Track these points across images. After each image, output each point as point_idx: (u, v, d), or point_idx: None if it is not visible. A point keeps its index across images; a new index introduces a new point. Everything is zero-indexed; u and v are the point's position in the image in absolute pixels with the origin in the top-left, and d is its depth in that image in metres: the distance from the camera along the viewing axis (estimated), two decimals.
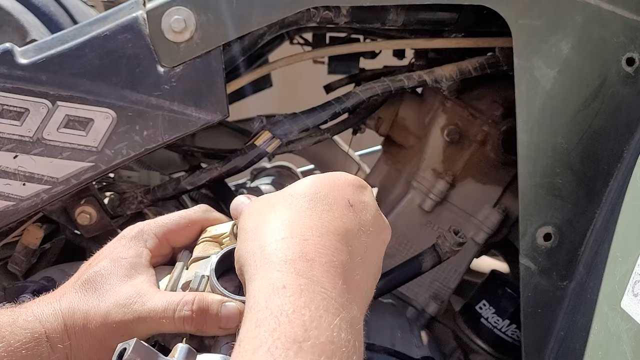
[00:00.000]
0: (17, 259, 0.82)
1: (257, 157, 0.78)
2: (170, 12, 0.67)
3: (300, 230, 0.45)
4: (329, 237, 0.45)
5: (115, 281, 0.53)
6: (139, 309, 0.51)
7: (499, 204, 0.91)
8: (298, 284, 0.41)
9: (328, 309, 0.41)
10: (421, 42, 0.83)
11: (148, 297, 0.51)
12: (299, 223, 0.46)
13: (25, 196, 0.70)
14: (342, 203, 0.49)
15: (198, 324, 0.50)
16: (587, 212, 0.69)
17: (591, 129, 0.69)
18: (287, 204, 0.48)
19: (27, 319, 0.51)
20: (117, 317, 0.50)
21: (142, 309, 0.51)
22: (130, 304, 0.51)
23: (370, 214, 0.50)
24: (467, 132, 0.90)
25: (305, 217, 0.47)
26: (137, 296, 0.51)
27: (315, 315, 0.40)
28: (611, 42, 0.68)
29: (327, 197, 0.48)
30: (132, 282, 0.53)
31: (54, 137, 0.69)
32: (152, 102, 0.69)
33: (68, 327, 0.52)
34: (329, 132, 0.86)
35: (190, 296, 0.51)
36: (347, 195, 0.50)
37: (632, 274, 0.57)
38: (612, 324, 0.58)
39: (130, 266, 0.54)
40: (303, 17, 0.73)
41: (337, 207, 0.48)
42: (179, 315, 0.50)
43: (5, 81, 0.67)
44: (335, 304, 0.41)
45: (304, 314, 0.39)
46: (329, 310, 0.40)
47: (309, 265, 0.43)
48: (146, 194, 0.81)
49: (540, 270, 0.70)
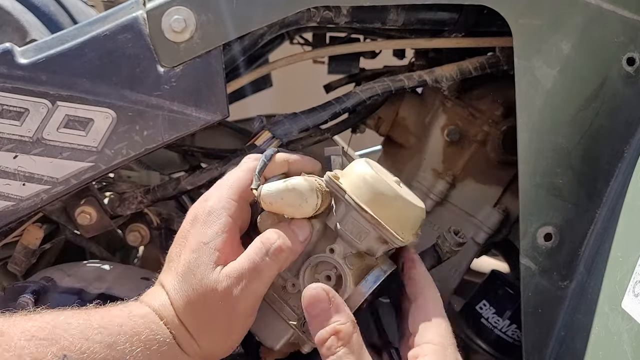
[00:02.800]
0: (17, 259, 0.82)
1: None
2: (170, 12, 0.67)
3: None
4: None
5: (205, 272, 0.57)
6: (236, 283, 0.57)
7: (499, 204, 0.90)
8: None
9: None
10: (421, 42, 0.83)
11: (237, 269, 0.57)
12: None
13: (25, 196, 0.70)
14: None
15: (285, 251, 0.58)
16: (588, 212, 0.69)
17: (592, 128, 0.69)
18: None
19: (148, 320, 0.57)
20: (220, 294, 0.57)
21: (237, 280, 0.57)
22: (227, 288, 0.56)
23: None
24: (468, 132, 0.90)
25: None
26: (226, 279, 0.57)
27: None
28: (612, 41, 0.68)
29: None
30: (219, 271, 0.57)
31: (54, 137, 0.69)
32: (152, 102, 0.69)
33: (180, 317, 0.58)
34: (329, 132, 0.86)
35: (267, 234, 0.58)
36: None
37: (633, 274, 0.57)
38: (612, 324, 0.58)
39: (214, 251, 0.58)
40: (303, 17, 0.73)
41: None
42: (271, 253, 0.57)
43: (5, 81, 0.67)
44: None
45: None
46: None
47: None
48: (146, 194, 0.80)
49: (540, 270, 0.70)
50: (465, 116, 0.90)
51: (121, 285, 0.77)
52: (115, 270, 0.81)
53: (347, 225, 0.59)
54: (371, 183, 0.59)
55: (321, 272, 0.60)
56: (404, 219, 0.60)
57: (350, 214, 0.59)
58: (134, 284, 0.78)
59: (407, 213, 0.60)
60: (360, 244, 0.59)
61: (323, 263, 0.60)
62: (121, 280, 0.79)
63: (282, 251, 0.58)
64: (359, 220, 0.58)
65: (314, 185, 0.58)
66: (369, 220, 0.58)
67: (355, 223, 0.59)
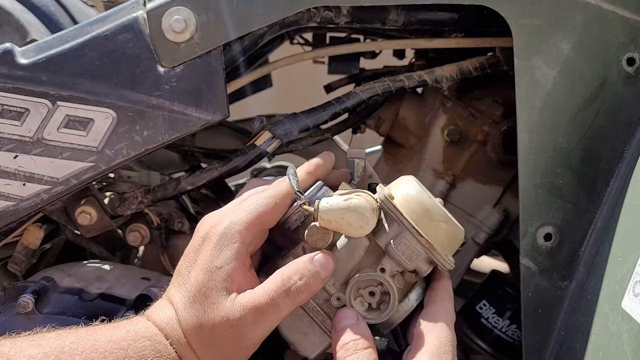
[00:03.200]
0: (17, 259, 0.82)
1: (257, 157, 0.78)
2: (170, 12, 0.67)
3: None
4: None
5: (217, 297, 0.57)
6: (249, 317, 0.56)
7: (499, 204, 0.90)
8: None
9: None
10: (421, 42, 0.83)
11: (251, 300, 0.56)
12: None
13: (25, 196, 0.70)
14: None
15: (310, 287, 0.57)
16: (588, 212, 0.69)
17: (592, 128, 0.69)
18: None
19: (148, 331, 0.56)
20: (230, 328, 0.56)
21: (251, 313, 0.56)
22: (240, 318, 0.56)
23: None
24: (468, 132, 0.90)
25: None
26: (241, 309, 0.56)
27: None
28: (612, 42, 0.68)
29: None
30: (232, 298, 0.57)
31: (54, 137, 0.69)
32: (152, 102, 0.69)
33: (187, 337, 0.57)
34: (329, 132, 0.86)
35: (287, 270, 0.57)
36: None
37: (633, 274, 0.57)
38: (612, 324, 0.58)
39: (227, 277, 0.57)
40: (303, 17, 0.73)
41: None
42: (291, 294, 0.57)
43: (6, 81, 0.67)
44: None
45: None
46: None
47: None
48: (146, 194, 0.80)
49: (540, 270, 0.70)
50: (465, 116, 0.90)
51: (121, 285, 0.77)
52: (115, 270, 0.81)
53: (399, 246, 0.59)
54: (425, 205, 0.59)
55: (365, 287, 0.60)
56: (451, 241, 0.61)
57: (403, 234, 0.59)
58: (134, 284, 0.78)
59: (454, 236, 0.61)
60: (410, 264, 0.59)
61: (364, 282, 0.60)
62: (121, 280, 0.79)
63: (302, 292, 0.57)
64: (412, 242, 0.58)
65: (374, 205, 0.58)
66: (424, 244, 0.58)
67: (408, 245, 0.59)
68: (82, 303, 0.73)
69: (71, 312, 0.71)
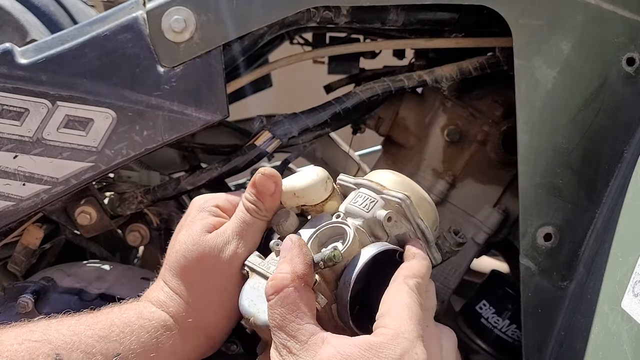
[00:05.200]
0: (17, 259, 0.82)
1: (257, 157, 0.78)
2: (170, 12, 0.67)
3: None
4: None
5: (196, 239, 0.62)
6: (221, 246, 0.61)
7: (499, 204, 0.90)
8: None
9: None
10: (421, 42, 0.83)
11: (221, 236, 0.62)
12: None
13: (25, 196, 0.70)
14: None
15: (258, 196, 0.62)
16: (588, 212, 0.69)
17: (591, 129, 0.69)
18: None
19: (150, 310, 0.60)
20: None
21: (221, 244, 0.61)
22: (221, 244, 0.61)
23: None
24: (467, 132, 0.90)
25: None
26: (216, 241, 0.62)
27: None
28: (611, 42, 0.68)
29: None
30: (214, 233, 0.62)
31: (54, 137, 0.69)
32: (152, 102, 0.69)
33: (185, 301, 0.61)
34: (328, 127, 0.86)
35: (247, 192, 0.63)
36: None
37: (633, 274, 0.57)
38: (612, 324, 0.58)
39: (207, 224, 0.63)
40: (303, 17, 0.73)
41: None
42: (251, 211, 0.62)
43: (5, 81, 0.67)
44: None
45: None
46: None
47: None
48: (146, 194, 0.80)
49: (540, 270, 0.70)
50: (465, 116, 0.90)
51: (121, 285, 0.77)
52: (115, 270, 0.81)
53: (356, 199, 0.61)
54: (379, 173, 0.63)
55: (327, 241, 0.59)
56: (404, 185, 0.62)
57: (359, 191, 0.61)
58: (134, 284, 0.78)
59: (405, 182, 0.63)
60: (368, 212, 0.59)
61: (325, 233, 0.59)
62: (121, 280, 0.79)
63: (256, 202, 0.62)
64: (367, 192, 0.61)
65: (324, 173, 0.63)
66: (375, 188, 0.60)
67: (363, 195, 0.61)
68: (82, 303, 0.73)
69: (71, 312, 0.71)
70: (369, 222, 0.59)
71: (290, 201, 0.64)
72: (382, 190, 0.60)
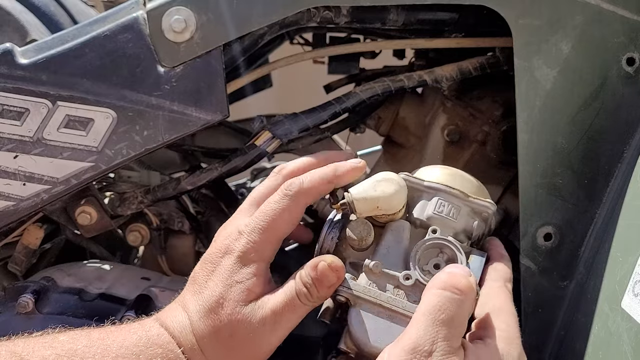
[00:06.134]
0: (17, 259, 0.82)
1: (257, 157, 0.78)
2: (170, 12, 0.67)
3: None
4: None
5: (235, 307, 0.57)
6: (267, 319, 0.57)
7: (499, 204, 0.90)
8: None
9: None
10: (421, 42, 0.83)
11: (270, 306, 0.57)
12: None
13: (26, 196, 0.70)
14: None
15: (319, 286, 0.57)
16: (588, 212, 0.69)
17: (591, 129, 0.69)
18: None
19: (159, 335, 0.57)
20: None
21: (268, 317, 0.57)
22: (261, 320, 0.57)
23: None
24: (467, 132, 0.90)
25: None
26: (261, 322, 0.57)
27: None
28: (611, 42, 0.68)
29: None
30: (252, 305, 0.57)
31: (54, 137, 0.69)
32: (153, 102, 0.69)
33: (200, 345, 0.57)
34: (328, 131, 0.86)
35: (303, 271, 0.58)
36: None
37: (633, 273, 0.57)
38: (612, 323, 0.58)
39: (246, 289, 0.58)
40: (303, 17, 0.73)
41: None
42: (301, 295, 0.57)
43: (6, 81, 0.67)
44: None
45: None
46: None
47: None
48: (146, 194, 0.80)
49: (540, 270, 0.70)
50: (465, 116, 0.90)
51: (121, 285, 0.77)
52: (115, 270, 0.81)
53: (438, 208, 0.60)
54: (437, 169, 0.64)
55: (428, 262, 0.58)
56: (476, 187, 0.63)
57: (437, 197, 0.61)
58: (134, 284, 0.78)
59: (475, 183, 0.64)
60: (456, 222, 0.60)
61: (425, 253, 0.59)
62: (121, 280, 0.79)
63: (317, 291, 0.57)
64: (449, 198, 0.60)
65: (398, 176, 0.61)
66: (458, 195, 0.60)
67: (445, 202, 0.60)
68: (82, 303, 0.73)
69: (71, 312, 0.71)
70: (457, 230, 0.61)
71: (367, 211, 0.59)
72: (466, 198, 0.60)
